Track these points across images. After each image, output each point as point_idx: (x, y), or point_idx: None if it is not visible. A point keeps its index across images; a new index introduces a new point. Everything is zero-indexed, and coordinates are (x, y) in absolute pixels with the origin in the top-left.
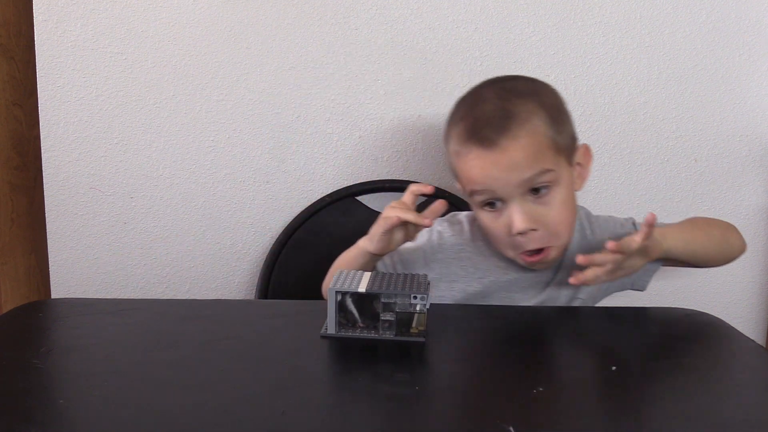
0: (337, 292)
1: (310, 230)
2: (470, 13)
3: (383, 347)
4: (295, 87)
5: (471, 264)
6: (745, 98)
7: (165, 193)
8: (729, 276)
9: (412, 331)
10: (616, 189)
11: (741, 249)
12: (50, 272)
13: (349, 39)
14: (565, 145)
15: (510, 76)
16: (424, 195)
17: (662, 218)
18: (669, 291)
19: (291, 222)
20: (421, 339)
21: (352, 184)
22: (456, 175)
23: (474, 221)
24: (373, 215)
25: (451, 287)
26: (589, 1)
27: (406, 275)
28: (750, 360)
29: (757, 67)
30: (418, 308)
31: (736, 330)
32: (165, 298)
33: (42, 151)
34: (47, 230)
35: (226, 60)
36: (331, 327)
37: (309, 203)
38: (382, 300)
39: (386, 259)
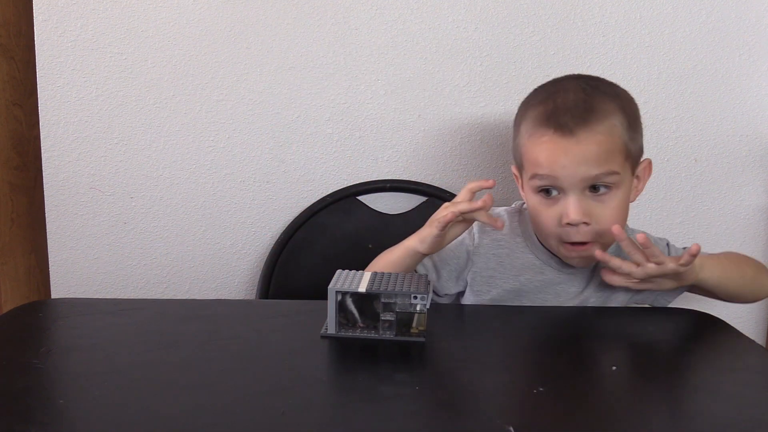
0: (337, 292)
1: (311, 230)
2: (470, 13)
3: (383, 347)
4: (295, 87)
5: (509, 260)
6: (745, 98)
7: (165, 193)
8: None
9: (412, 331)
10: None
11: (767, 294)
12: (50, 272)
13: (349, 39)
14: (634, 153)
15: (592, 75)
16: (484, 189)
17: (662, 218)
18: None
19: (291, 222)
20: (421, 339)
21: (352, 184)
22: (520, 159)
23: (514, 217)
24: (374, 215)
25: (488, 283)
26: (589, 1)
27: (405, 275)
28: (750, 360)
29: (757, 67)
30: (418, 308)
31: (736, 330)
32: (165, 298)
33: (42, 151)
34: (47, 230)
35: (226, 60)
36: (331, 327)
37: (309, 203)
38: (383, 300)
39: (428, 263)
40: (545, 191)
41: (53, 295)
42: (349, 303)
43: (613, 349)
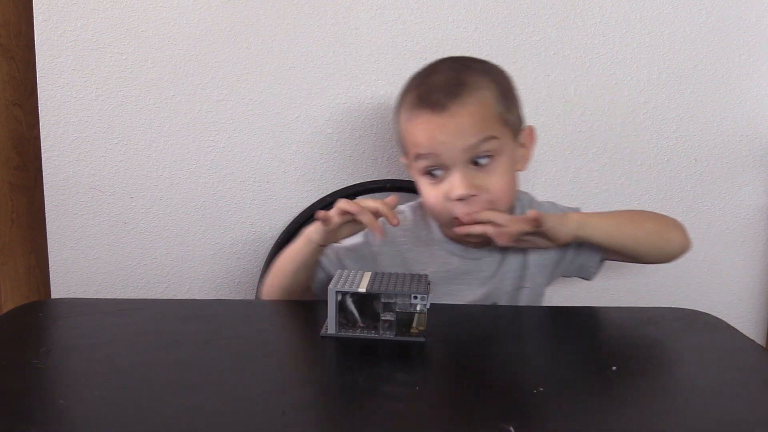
0: (337, 292)
1: None
2: (470, 13)
3: (383, 347)
4: (295, 87)
5: (414, 255)
6: (745, 98)
7: (165, 193)
8: (729, 276)
9: (412, 331)
10: (616, 189)
11: (681, 246)
12: (50, 272)
13: (349, 39)
14: (512, 121)
15: (465, 56)
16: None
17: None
18: (669, 291)
19: (291, 222)
20: (421, 339)
21: (352, 184)
22: (403, 145)
23: (417, 211)
24: None
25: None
26: (589, 1)
27: (405, 275)
28: (750, 360)
29: (757, 67)
30: (418, 308)
31: (736, 330)
32: (165, 298)
33: (42, 151)
34: (47, 230)
35: (226, 60)
36: (331, 327)
37: (309, 203)
38: (383, 300)
39: (331, 254)
40: (431, 173)
41: (53, 295)
42: (349, 303)
43: (613, 349)
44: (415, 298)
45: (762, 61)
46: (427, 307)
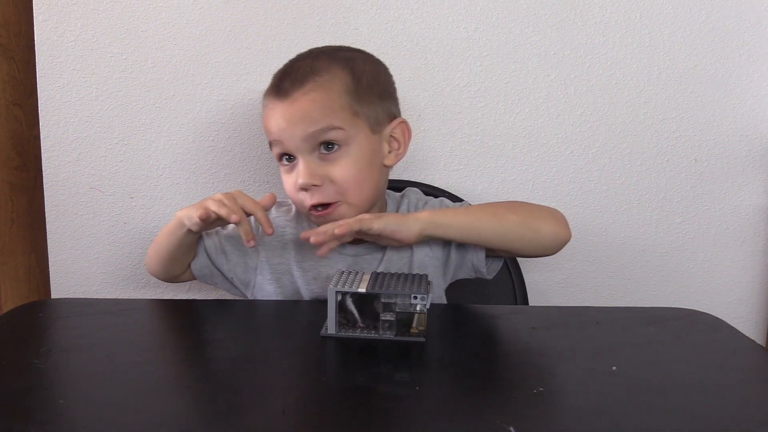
0: (337, 292)
1: None
2: (470, 13)
3: (383, 347)
4: None
5: (292, 246)
6: (745, 98)
7: (165, 193)
8: (729, 276)
9: (412, 331)
10: (616, 189)
11: (554, 235)
12: (50, 272)
13: (349, 39)
14: (370, 115)
15: (339, 45)
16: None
17: (662, 218)
18: (669, 291)
19: None
20: (421, 339)
21: None
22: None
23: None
24: None
25: (278, 270)
26: (589, 1)
27: (406, 275)
28: (750, 360)
29: (757, 67)
30: (418, 308)
31: (736, 330)
32: (165, 298)
33: (42, 151)
34: (47, 230)
35: (226, 60)
36: (331, 327)
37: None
38: (383, 300)
39: (215, 239)
40: (286, 160)
41: (53, 295)
42: (349, 303)
43: (613, 349)
44: (415, 298)
45: (762, 61)
46: (427, 307)
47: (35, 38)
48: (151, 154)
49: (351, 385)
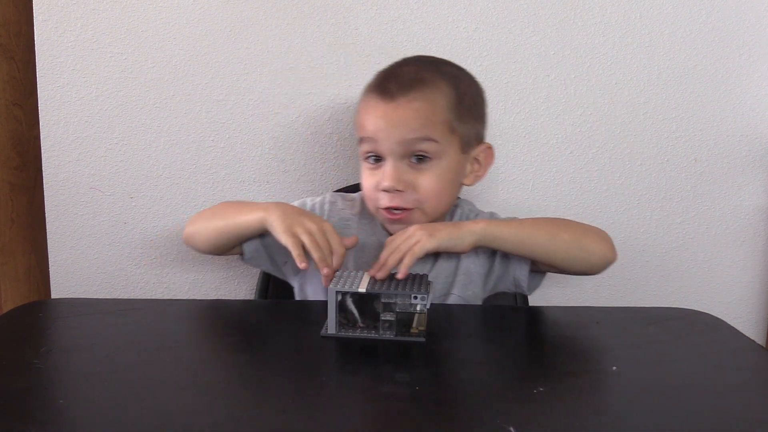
0: (337, 292)
1: None
2: (470, 13)
3: (383, 347)
4: (295, 87)
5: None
6: (745, 98)
7: (165, 193)
8: (729, 276)
9: (412, 331)
10: (616, 189)
11: (603, 257)
12: (50, 272)
13: (349, 39)
14: (464, 133)
15: (445, 59)
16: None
17: (662, 218)
18: (669, 291)
19: None
20: (421, 339)
21: (352, 184)
22: (355, 127)
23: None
24: None
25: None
26: (589, 1)
27: (406, 275)
28: (750, 360)
29: (757, 67)
30: (418, 308)
31: (736, 330)
32: (165, 298)
33: (42, 151)
34: (47, 230)
35: (226, 60)
36: (331, 327)
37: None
38: (383, 300)
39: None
40: (370, 160)
41: (53, 295)
42: (349, 303)
43: (613, 349)
44: (415, 298)
45: (762, 61)
46: (428, 307)
47: (35, 38)
48: (151, 154)
49: (351, 385)
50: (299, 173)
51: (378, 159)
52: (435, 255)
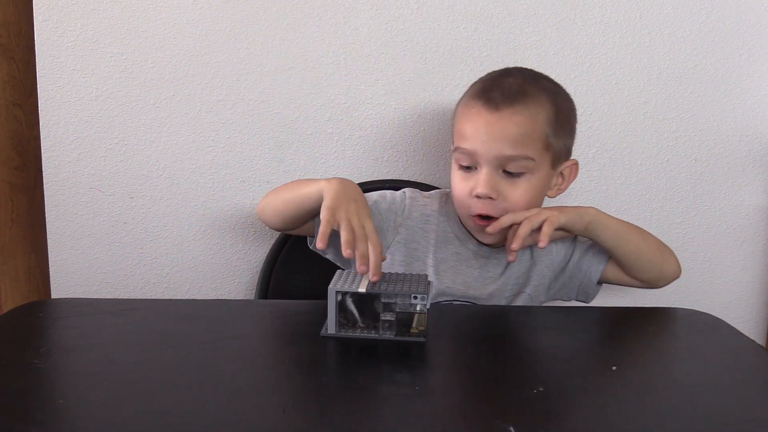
0: (337, 292)
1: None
2: (470, 13)
3: (383, 347)
4: (295, 87)
5: (433, 237)
6: (745, 98)
7: (165, 193)
8: (729, 276)
9: (412, 331)
10: (616, 189)
11: (675, 272)
12: (50, 272)
13: (349, 39)
14: (557, 148)
15: (544, 74)
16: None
17: (662, 218)
18: (669, 291)
19: None
20: (421, 339)
21: None
22: (452, 130)
23: (443, 198)
24: None
25: (411, 255)
26: (589, 1)
27: (405, 275)
28: (750, 360)
29: (757, 67)
30: (418, 308)
31: (736, 330)
32: (165, 298)
33: (42, 151)
34: (47, 230)
35: (226, 60)
36: (331, 327)
37: None
38: (383, 300)
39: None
40: (464, 167)
41: (53, 295)
42: (349, 303)
43: (613, 349)
44: (415, 298)
45: (762, 61)
46: (427, 307)
47: (35, 38)
48: (151, 154)
49: (351, 385)
50: (299, 173)
51: (470, 166)
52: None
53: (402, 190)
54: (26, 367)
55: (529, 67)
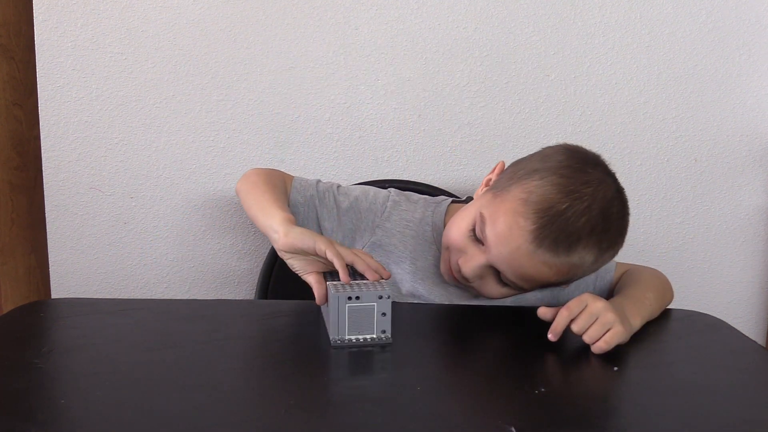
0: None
1: None
2: (470, 13)
3: (383, 348)
4: (295, 87)
5: (411, 244)
6: (745, 98)
7: (165, 193)
8: (729, 276)
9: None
10: None
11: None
12: (50, 272)
13: (349, 39)
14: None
15: (621, 194)
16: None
17: (662, 218)
18: None
19: None
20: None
21: (352, 184)
22: (498, 187)
23: (430, 206)
24: None
25: (385, 258)
26: (589, 1)
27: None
28: (750, 360)
29: (757, 67)
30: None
31: (736, 330)
32: (165, 298)
33: (42, 151)
34: (47, 230)
35: (226, 60)
36: (335, 333)
37: None
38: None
39: (331, 203)
40: (477, 239)
41: (53, 295)
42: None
43: (614, 350)
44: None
45: (762, 61)
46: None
47: (35, 38)
48: (151, 154)
49: (352, 386)
50: (299, 173)
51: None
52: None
53: (388, 189)
54: (27, 366)
55: (618, 189)
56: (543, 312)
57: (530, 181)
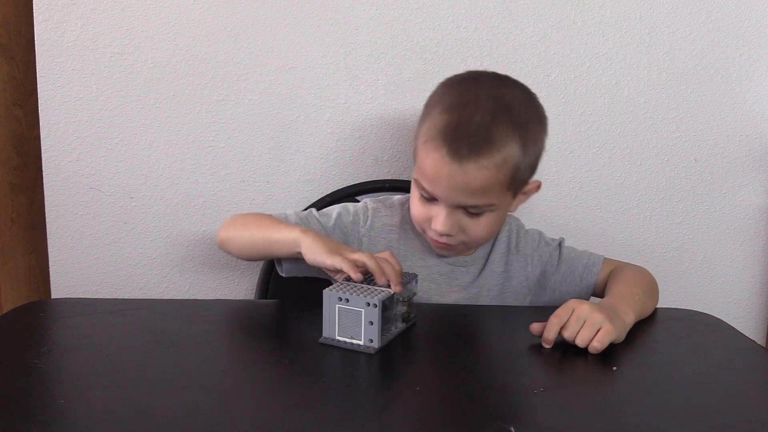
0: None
1: None
2: (470, 13)
3: (382, 348)
4: (295, 87)
5: (396, 246)
6: (745, 98)
7: (165, 193)
8: (729, 276)
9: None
10: (616, 189)
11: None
12: (50, 272)
13: (349, 39)
14: (519, 179)
15: (511, 83)
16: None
17: (662, 218)
18: (669, 291)
19: None
20: (414, 321)
21: (352, 184)
22: (415, 149)
23: (405, 204)
24: None
25: None
26: (589, 1)
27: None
28: (750, 360)
29: (757, 67)
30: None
31: (736, 330)
32: (165, 298)
33: (42, 151)
34: (47, 230)
35: (226, 60)
36: (326, 332)
37: (309, 203)
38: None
39: (317, 228)
40: (426, 196)
41: (53, 295)
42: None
43: (614, 349)
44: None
45: (762, 61)
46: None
47: (35, 38)
48: (151, 154)
49: (351, 386)
50: (299, 173)
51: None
52: (482, 265)
53: (363, 201)
54: (27, 367)
55: (508, 83)
56: (534, 328)
57: (424, 126)
